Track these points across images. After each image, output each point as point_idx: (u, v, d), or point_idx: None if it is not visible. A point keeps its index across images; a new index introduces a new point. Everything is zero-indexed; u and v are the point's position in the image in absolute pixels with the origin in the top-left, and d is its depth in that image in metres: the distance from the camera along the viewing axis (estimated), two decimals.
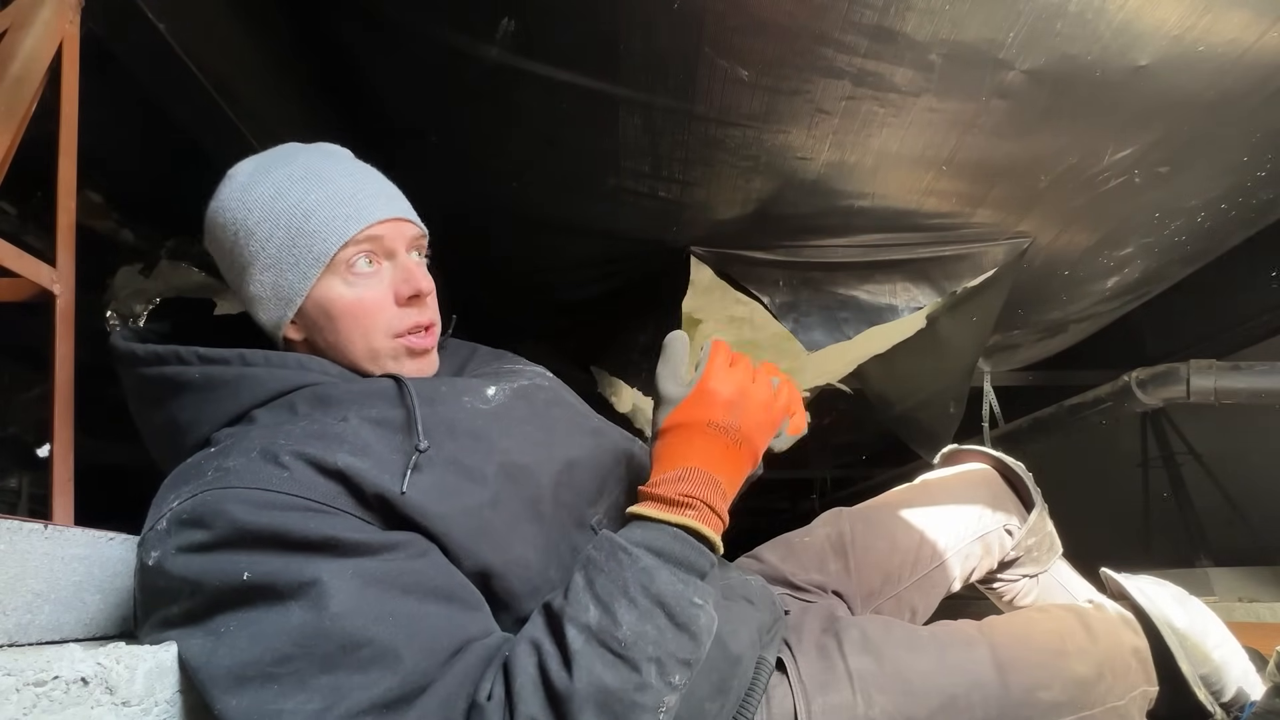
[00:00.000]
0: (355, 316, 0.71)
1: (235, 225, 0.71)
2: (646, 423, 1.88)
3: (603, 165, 1.21)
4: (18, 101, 0.83)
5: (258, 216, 0.70)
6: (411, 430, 0.64)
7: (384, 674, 0.53)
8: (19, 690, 0.45)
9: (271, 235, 0.70)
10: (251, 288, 0.71)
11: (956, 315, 1.57)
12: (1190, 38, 0.94)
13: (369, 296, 0.72)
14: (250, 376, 0.68)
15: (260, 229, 0.70)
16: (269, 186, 0.71)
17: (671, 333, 0.76)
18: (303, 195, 0.70)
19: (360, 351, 0.73)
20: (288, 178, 0.71)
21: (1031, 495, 1.07)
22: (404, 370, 0.74)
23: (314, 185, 0.71)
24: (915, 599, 1.01)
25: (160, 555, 0.56)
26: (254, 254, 0.70)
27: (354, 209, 0.71)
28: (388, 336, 0.73)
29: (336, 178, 0.72)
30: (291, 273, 0.70)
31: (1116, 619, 0.87)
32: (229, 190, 0.73)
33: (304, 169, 0.72)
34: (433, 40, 1.10)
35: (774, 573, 0.98)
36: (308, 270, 0.70)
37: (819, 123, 1.07)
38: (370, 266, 0.72)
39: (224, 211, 0.72)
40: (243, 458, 0.59)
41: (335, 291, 0.71)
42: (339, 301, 0.71)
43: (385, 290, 0.73)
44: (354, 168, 0.75)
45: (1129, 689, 0.81)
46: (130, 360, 0.70)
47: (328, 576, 0.54)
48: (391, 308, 0.73)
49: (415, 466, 0.62)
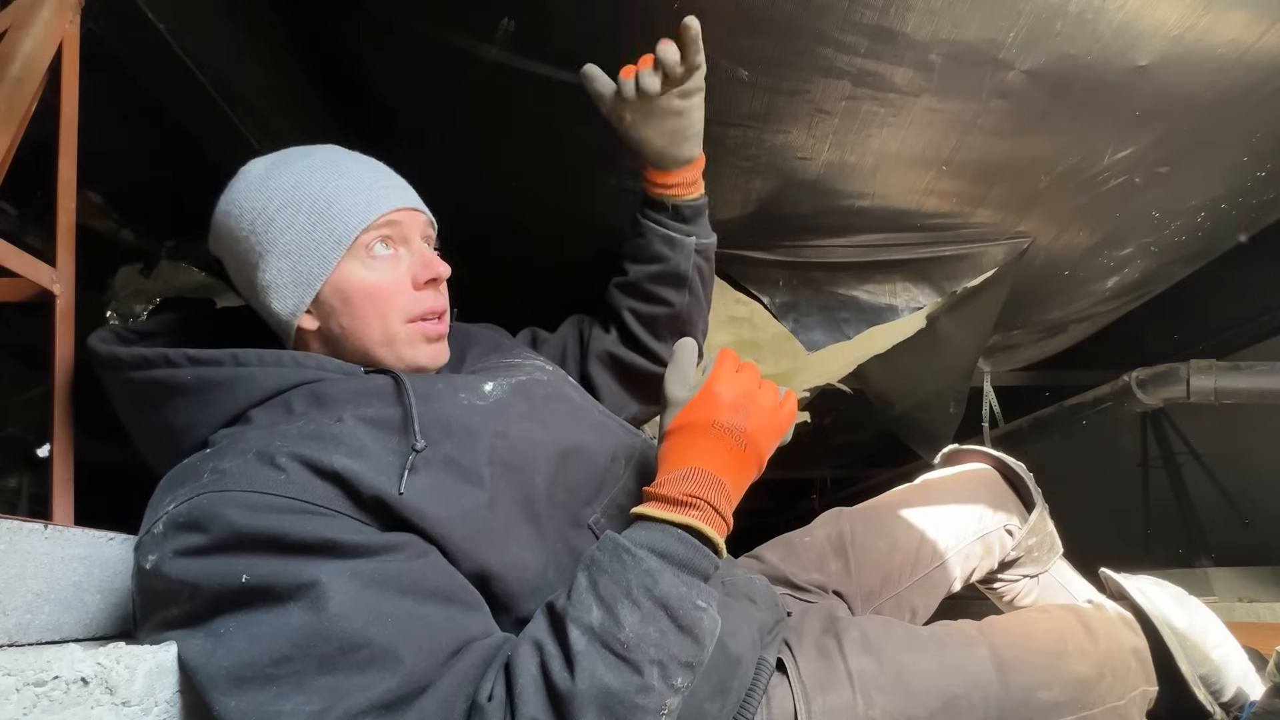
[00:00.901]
0: (373, 299, 0.73)
1: (253, 214, 0.71)
2: None
3: (603, 165, 1.21)
4: (18, 101, 0.83)
5: (279, 204, 0.71)
6: (408, 430, 0.64)
7: (382, 675, 0.53)
8: (19, 690, 0.45)
9: (293, 221, 0.70)
10: (267, 275, 0.71)
11: (956, 315, 1.57)
12: (1190, 38, 0.94)
13: (387, 279, 0.73)
14: (245, 376, 0.67)
15: (281, 215, 0.71)
16: (290, 176, 0.72)
17: (681, 339, 0.77)
18: (324, 183, 0.72)
19: (376, 335, 0.73)
20: (308, 168, 0.73)
21: (1032, 495, 1.07)
22: (418, 356, 0.76)
23: (335, 174, 0.73)
24: (916, 599, 1.01)
25: (157, 559, 0.56)
26: (273, 240, 0.71)
27: (374, 196, 0.73)
28: (403, 321, 0.74)
29: (355, 168, 0.74)
30: (311, 257, 0.71)
31: (1116, 619, 0.88)
32: (245, 184, 0.74)
33: (323, 160, 0.74)
34: (433, 40, 1.10)
35: (775, 572, 0.98)
36: (328, 254, 0.71)
37: (819, 123, 1.07)
38: (388, 251, 0.74)
39: (239, 202, 0.72)
40: (238, 459, 0.59)
41: (355, 274, 0.72)
42: (358, 284, 0.72)
43: (403, 275, 0.74)
44: (370, 161, 0.78)
45: (1129, 689, 0.81)
46: (113, 364, 0.69)
47: (326, 578, 0.54)
48: (409, 291, 0.75)
49: (412, 468, 0.61)
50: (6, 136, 0.81)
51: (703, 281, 1.00)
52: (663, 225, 0.96)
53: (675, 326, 1.00)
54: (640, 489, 0.73)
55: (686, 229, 0.97)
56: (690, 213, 0.97)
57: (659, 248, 0.96)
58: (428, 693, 0.54)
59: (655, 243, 0.96)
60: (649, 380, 1.00)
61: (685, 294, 0.98)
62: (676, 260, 0.96)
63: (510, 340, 0.98)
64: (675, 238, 0.96)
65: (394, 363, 0.74)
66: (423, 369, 0.77)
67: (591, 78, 0.89)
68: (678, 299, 0.98)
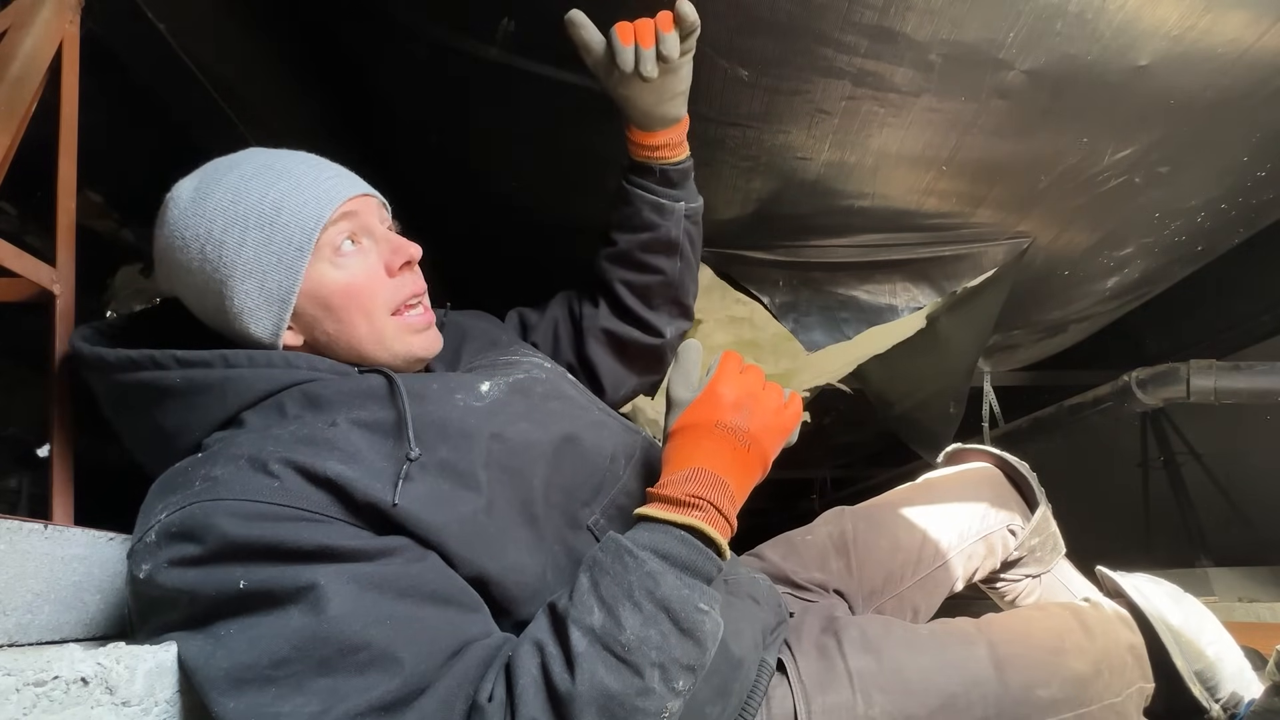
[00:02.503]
0: (353, 297, 0.70)
1: (198, 241, 0.67)
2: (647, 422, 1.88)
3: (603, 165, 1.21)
4: (18, 101, 0.83)
5: (222, 224, 0.67)
6: (402, 435, 0.63)
7: (381, 676, 0.53)
8: (19, 690, 0.45)
9: (244, 239, 0.66)
10: (237, 301, 0.67)
11: (956, 315, 1.57)
12: (1190, 38, 0.94)
13: (361, 274, 0.71)
14: (235, 378, 0.66)
15: (229, 235, 0.67)
16: (224, 192, 0.68)
17: (685, 341, 0.77)
18: (264, 191, 0.67)
19: (366, 335, 0.71)
20: (241, 178, 0.68)
21: (1035, 494, 1.07)
22: (412, 348, 0.74)
23: (272, 178, 0.68)
24: (917, 598, 1.01)
25: (151, 568, 0.56)
26: (229, 264, 0.67)
27: (320, 191, 0.69)
28: (388, 313, 0.72)
29: (291, 167, 0.70)
30: (276, 271, 0.67)
31: (1113, 616, 0.88)
32: (176, 211, 0.69)
33: (254, 167, 0.69)
34: (432, 40, 1.10)
35: (776, 571, 0.98)
36: (293, 264, 0.67)
37: (819, 123, 1.07)
38: (353, 246, 0.71)
39: (178, 232, 0.68)
40: (230, 466, 0.58)
41: (327, 277, 0.69)
42: (332, 286, 0.69)
43: (374, 265, 0.72)
44: (302, 156, 0.73)
45: (1125, 685, 0.81)
46: (100, 366, 0.67)
47: (324, 581, 0.54)
48: (385, 281, 0.72)
49: (406, 476, 0.60)
50: (6, 136, 0.81)
51: (693, 246, 0.99)
52: (650, 191, 0.94)
53: (668, 294, 0.98)
54: (641, 489, 0.73)
55: (674, 194, 0.94)
56: (677, 176, 0.94)
57: (648, 215, 0.94)
58: (427, 693, 0.54)
59: (644, 210, 0.94)
60: (645, 353, 0.99)
61: (677, 260, 0.97)
62: (667, 227, 0.94)
63: (505, 334, 0.96)
64: (664, 204, 0.94)
65: (389, 360, 0.72)
66: (419, 359, 0.75)
67: (579, 24, 0.84)
68: (669, 266, 0.97)
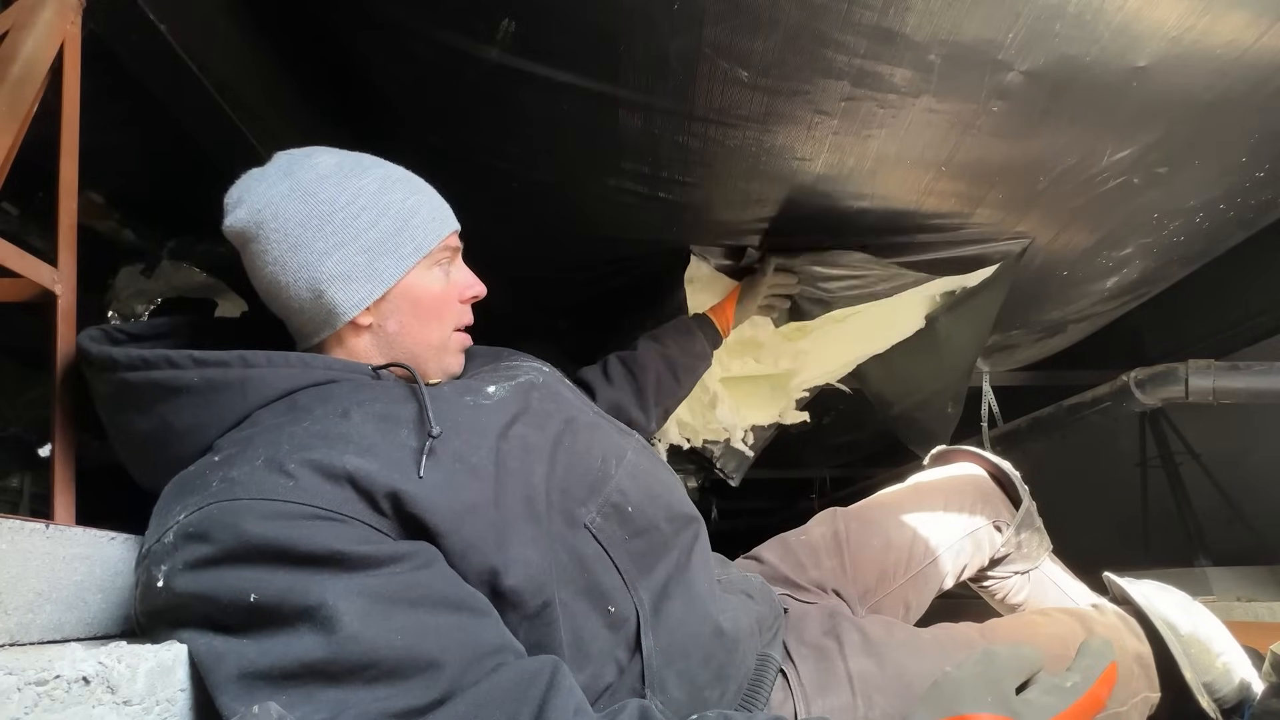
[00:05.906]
0: (437, 307, 0.79)
1: (335, 205, 0.74)
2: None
3: (603, 166, 1.21)
4: (19, 102, 0.83)
5: (364, 202, 0.75)
6: (422, 421, 0.66)
7: (393, 689, 0.53)
8: (20, 689, 0.45)
9: (377, 221, 0.75)
10: (339, 266, 0.73)
11: (956, 315, 1.57)
12: (1189, 39, 0.94)
13: (448, 293, 0.81)
14: (255, 378, 0.67)
15: (366, 214, 0.75)
16: (372, 180, 0.77)
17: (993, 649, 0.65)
18: (406, 195, 0.78)
19: (435, 339, 0.80)
20: (387, 177, 0.78)
21: (1019, 493, 1.09)
22: (453, 364, 0.83)
23: (414, 189, 0.80)
24: (910, 595, 1.03)
25: (168, 571, 0.56)
26: (354, 234, 0.74)
27: (445, 215, 0.82)
28: (451, 329, 0.81)
29: (425, 189, 0.82)
30: (391, 257, 0.75)
31: (1119, 623, 0.88)
32: (315, 174, 0.75)
33: (399, 174, 0.81)
34: (433, 41, 1.10)
35: (774, 572, 0.98)
36: (406, 258, 0.76)
37: (818, 123, 1.08)
38: (446, 266, 0.81)
39: (315, 191, 0.74)
40: (247, 467, 0.59)
41: (426, 282, 0.79)
42: (430, 291, 0.79)
43: (452, 289, 0.82)
44: (428, 184, 0.84)
45: (1131, 695, 0.81)
46: (108, 365, 0.68)
47: (333, 598, 0.54)
48: (457, 305, 0.82)
49: (430, 451, 0.63)
50: (8, 137, 0.81)
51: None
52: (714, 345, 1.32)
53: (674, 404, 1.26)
54: (634, 489, 0.74)
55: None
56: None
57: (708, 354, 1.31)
58: (447, 705, 0.54)
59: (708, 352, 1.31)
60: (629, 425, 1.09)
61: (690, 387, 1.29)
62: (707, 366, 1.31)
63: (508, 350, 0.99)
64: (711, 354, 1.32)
65: (434, 366, 0.80)
66: (450, 375, 0.83)
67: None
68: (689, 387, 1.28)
